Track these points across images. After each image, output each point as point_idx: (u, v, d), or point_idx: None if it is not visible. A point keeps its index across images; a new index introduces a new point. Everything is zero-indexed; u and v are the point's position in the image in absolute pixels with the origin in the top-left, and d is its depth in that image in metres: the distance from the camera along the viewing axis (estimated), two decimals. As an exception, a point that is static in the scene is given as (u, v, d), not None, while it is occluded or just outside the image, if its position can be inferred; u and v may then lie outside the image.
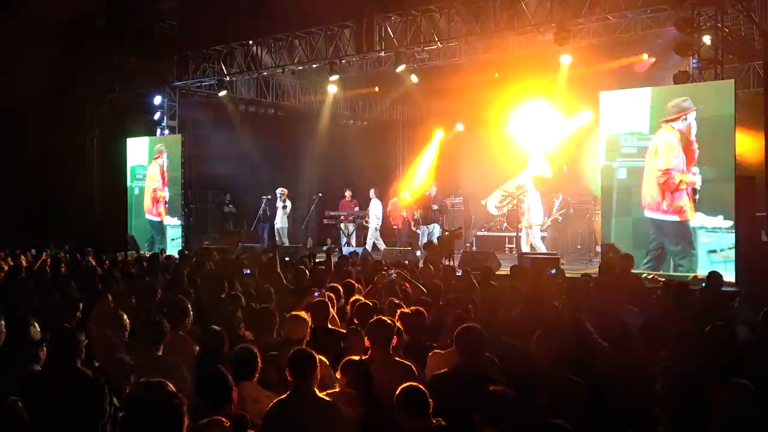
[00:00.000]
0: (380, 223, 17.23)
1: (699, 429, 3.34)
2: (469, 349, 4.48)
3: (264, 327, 5.48)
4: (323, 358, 4.36)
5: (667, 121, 10.53)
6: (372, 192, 17.34)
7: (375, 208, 17.16)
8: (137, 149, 17.30)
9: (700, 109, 10.21)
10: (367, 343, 4.81)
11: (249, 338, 5.47)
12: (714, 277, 7.83)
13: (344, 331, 5.48)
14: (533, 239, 14.93)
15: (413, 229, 17.21)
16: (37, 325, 4.74)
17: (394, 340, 4.82)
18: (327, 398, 4.07)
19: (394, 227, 17.94)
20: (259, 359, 4.30)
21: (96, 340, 4.83)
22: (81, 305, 5.99)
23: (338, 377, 4.38)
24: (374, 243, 16.88)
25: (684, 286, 7.43)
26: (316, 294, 6.52)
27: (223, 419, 3.39)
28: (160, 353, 4.60)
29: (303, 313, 5.27)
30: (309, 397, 3.94)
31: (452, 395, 4.02)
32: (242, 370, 4.21)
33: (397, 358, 4.74)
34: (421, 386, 3.88)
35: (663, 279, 9.56)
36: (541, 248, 14.66)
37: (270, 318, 5.52)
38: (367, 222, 17.00)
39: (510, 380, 3.99)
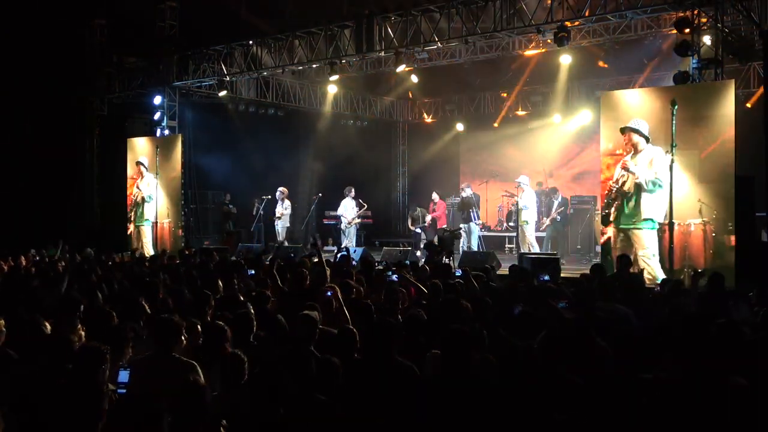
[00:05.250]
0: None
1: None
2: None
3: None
4: None
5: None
6: (353, 190, 16.48)
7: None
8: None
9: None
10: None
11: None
12: (716, 277, 7.81)
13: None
14: (529, 237, 14.61)
15: (411, 228, 17.20)
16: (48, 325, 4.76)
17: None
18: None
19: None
20: None
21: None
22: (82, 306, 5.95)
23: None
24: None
25: (679, 285, 7.42)
26: (329, 294, 6.48)
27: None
28: (174, 353, 4.55)
29: (313, 313, 5.26)
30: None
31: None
32: None
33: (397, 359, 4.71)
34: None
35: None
36: (536, 247, 14.37)
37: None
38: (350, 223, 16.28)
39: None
